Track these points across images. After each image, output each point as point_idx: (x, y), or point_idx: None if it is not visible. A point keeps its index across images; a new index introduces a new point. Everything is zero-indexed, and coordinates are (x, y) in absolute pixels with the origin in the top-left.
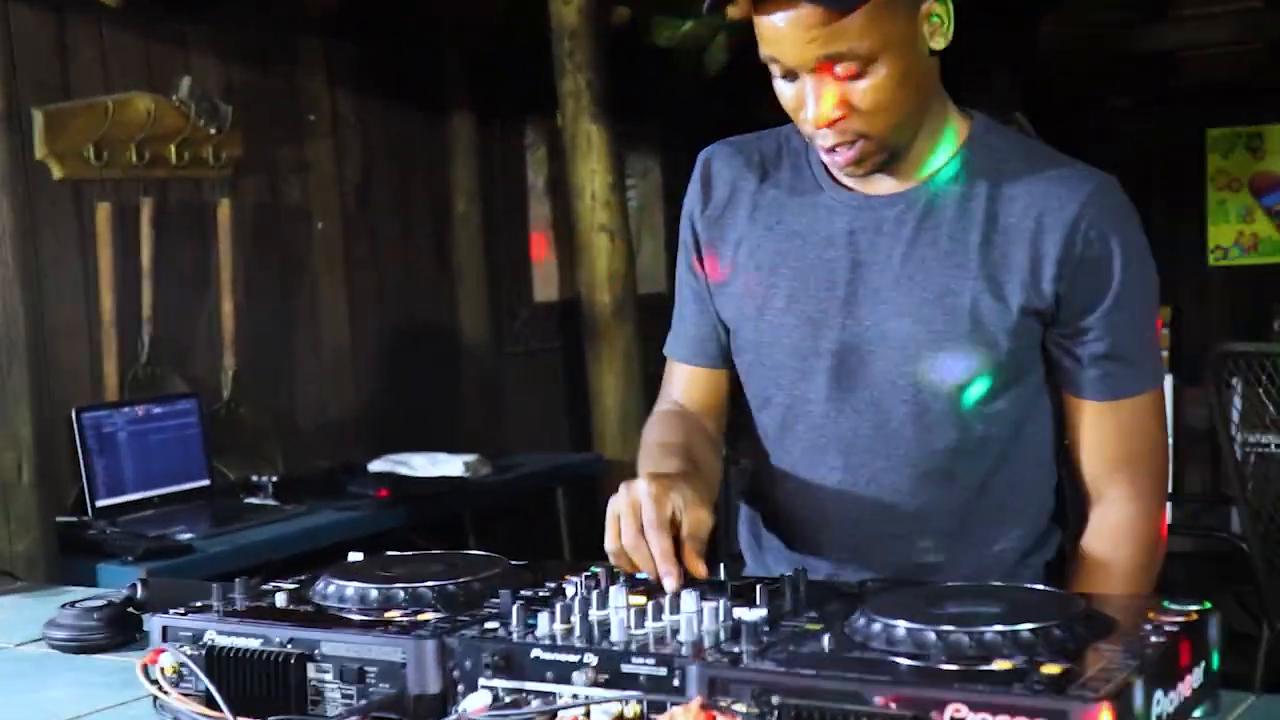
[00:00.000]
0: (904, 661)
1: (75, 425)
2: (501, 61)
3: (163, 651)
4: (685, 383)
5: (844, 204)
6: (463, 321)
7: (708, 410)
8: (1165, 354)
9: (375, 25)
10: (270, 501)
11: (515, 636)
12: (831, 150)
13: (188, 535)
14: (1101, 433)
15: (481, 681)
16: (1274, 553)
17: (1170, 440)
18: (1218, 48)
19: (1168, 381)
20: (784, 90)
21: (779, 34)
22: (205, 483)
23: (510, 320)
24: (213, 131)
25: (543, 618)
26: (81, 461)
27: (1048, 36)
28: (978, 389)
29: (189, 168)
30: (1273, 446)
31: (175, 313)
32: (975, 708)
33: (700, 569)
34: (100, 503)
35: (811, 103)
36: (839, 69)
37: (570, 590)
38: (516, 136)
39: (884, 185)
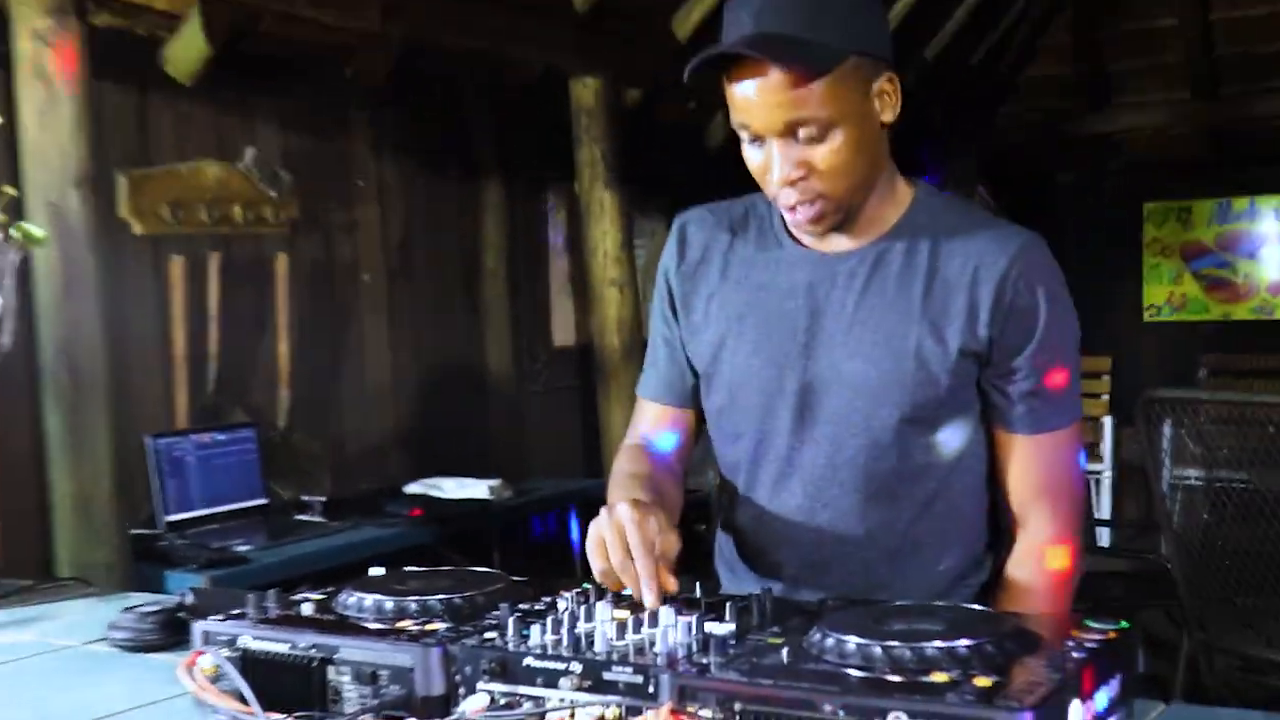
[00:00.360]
0: (853, 673)
1: (149, 449)
2: (527, 134)
3: (202, 653)
4: (654, 420)
5: (803, 259)
6: (490, 362)
7: (674, 445)
8: (1106, 398)
9: (417, 101)
10: (319, 519)
11: (511, 646)
12: (793, 209)
13: (246, 547)
14: (1026, 463)
15: (480, 685)
16: (1194, 573)
17: (1107, 470)
18: (1153, 132)
19: (1108, 421)
20: (752, 156)
21: (750, 102)
22: (262, 501)
23: (531, 362)
24: (273, 194)
25: (535, 629)
26: (154, 481)
27: (1005, 119)
28: (920, 422)
29: (252, 226)
30: (1193, 479)
31: (238, 352)
32: (914, 715)
33: (672, 585)
34: (169, 518)
35: (777, 165)
36: (801, 133)
37: (562, 605)
38: (539, 200)
39: (839, 244)
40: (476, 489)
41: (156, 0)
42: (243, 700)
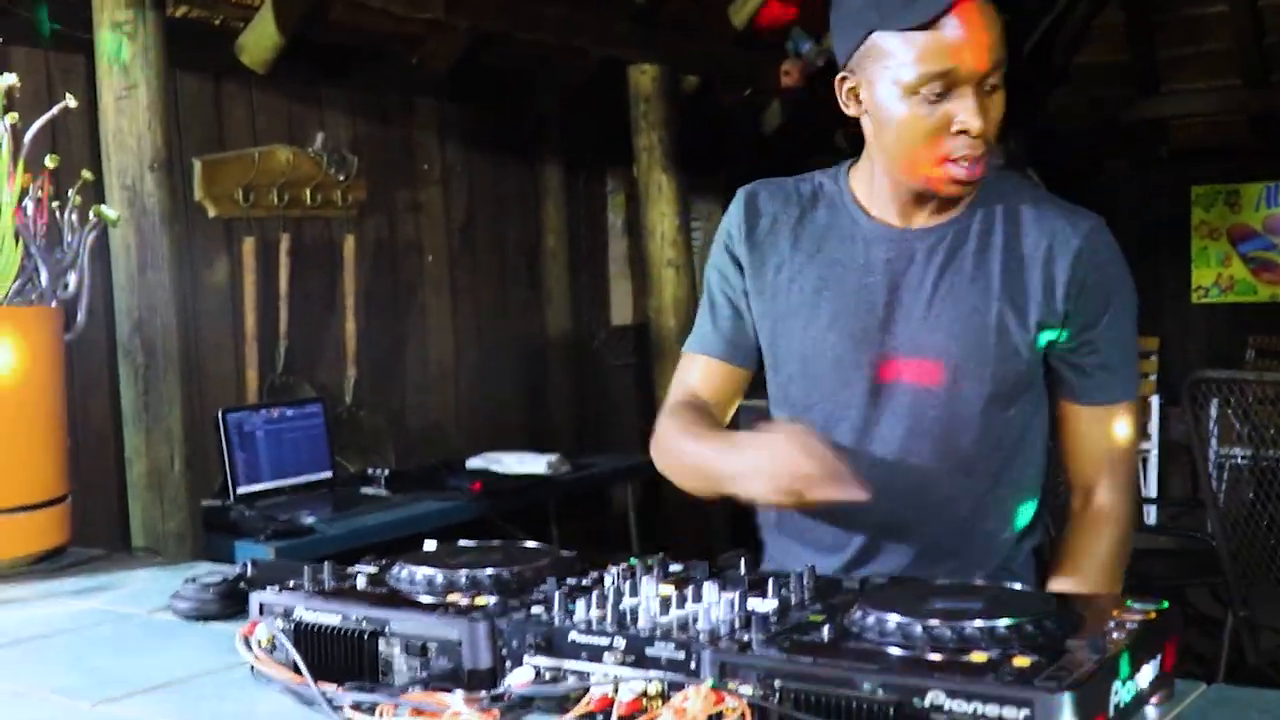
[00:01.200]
0: (893, 651)
1: (220, 424)
2: (587, 120)
3: (258, 624)
4: (708, 375)
5: (882, 236)
6: (550, 341)
7: (721, 403)
8: (1153, 378)
9: (480, 89)
10: (383, 492)
11: (556, 620)
12: (961, 161)
13: (311, 519)
14: (1092, 433)
15: (526, 659)
16: (1239, 549)
17: (1154, 448)
18: (1201, 118)
19: (1155, 401)
20: (926, 114)
21: (965, 43)
22: (328, 474)
23: (590, 340)
24: (341, 178)
25: (581, 604)
26: (225, 454)
27: (1057, 106)
28: (1000, 396)
29: (321, 208)
30: (1239, 459)
31: (307, 330)
32: (953, 695)
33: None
34: (240, 490)
35: (973, 115)
36: (991, 81)
37: (608, 580)
38: (599, 184)
39: (917, 220)
40: (535, 464)
41: None
42: (296, 670)
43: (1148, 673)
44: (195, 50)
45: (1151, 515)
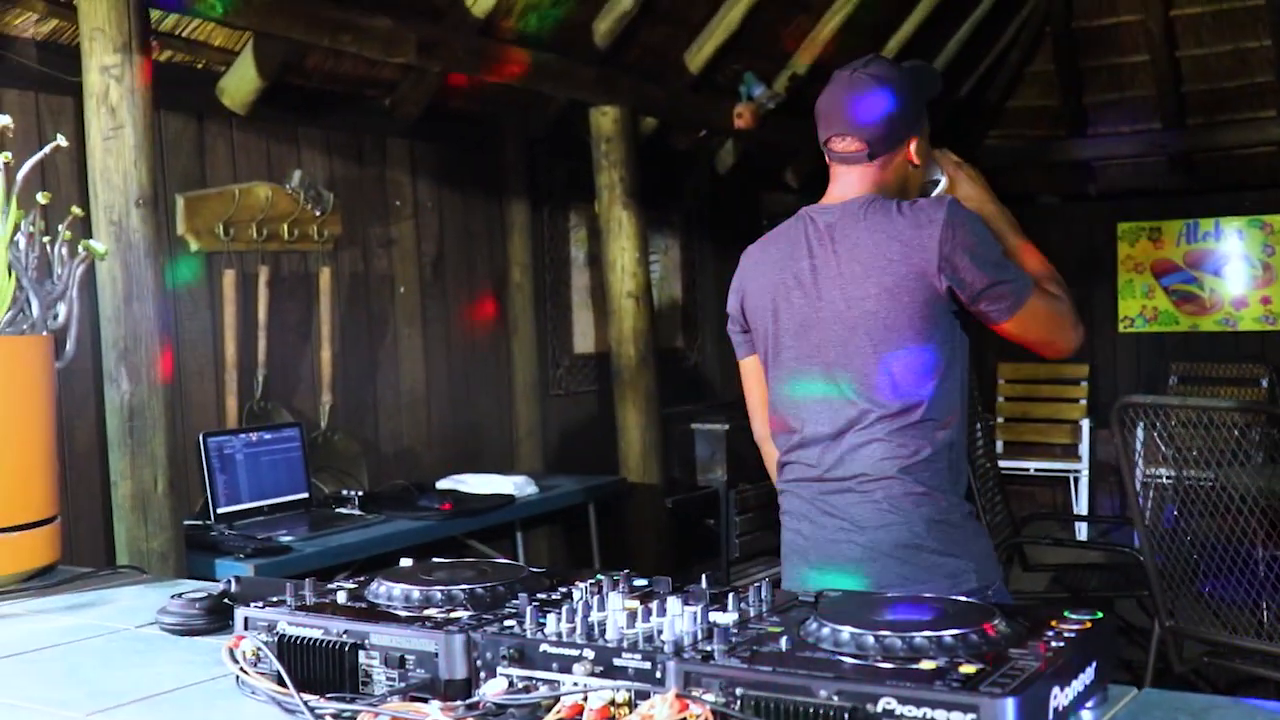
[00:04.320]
0: (847, 660)
1: (202, 447)
2: (551, 159)
3: (243, 638)
4: None
5: None
6: (516, 368)
7: None
8: (1084, 403)
9: (449, 130)
10: (357, 512)
11: (528, 633)
12: None
13: (289, 538)
14: (1025, 332)
15: (500, 669)
16: (1164, 564)
17: (1084, 469)
18: (1125, 159)
19: (1085, 424)
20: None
21: None
22: (305, 495)
23: (554, 368)
24: (317, 214)
25: (551, 618)
26: (206, 477)
27: (991, 146)
28: None
29: (298, 242)
30: (1164, 479)
31: (284, 358)
32: (904, 700)
33: None
34: (220, 510)
35: None
36: None
37: (576, 595)
38: (562, 219)
39: None
40: (502, 485)
41: (214, 37)
42: (280, 681)
43: (1084, 679)
44: (179, 92)
45: (1083, 532)
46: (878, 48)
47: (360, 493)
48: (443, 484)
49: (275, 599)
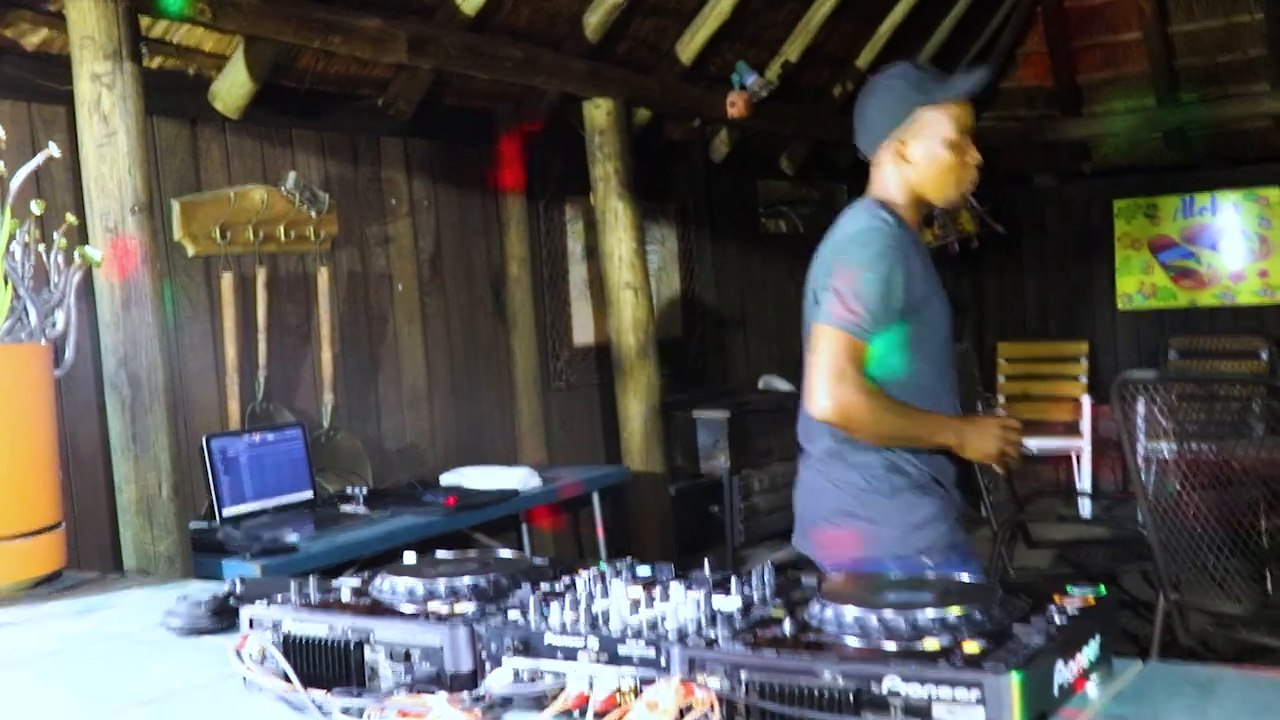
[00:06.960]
0: (850, 642)
1: (206, 450)
2: (547, 153)
3: (249, 637)
4: None
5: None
6: (516, 362)
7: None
8: (1084, 379)
9: (444, 127)
10: (361, 509)
11: (532, 624)
12: (971, 185)
13: (294, 537)
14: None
15: (505, 660)
16: (1167, 537)
17: (1086, 445)
18: (1120, 137)
19: (1086, 401)
20: (957, 158)
21: (969, 111)
22: (309, 494)
23: (554, 361)
24: (313, 214)
25: (555, 608)
26: (210, 479)
27: (986, 127)
28: None
29: (295, 244)
30: (1165, 453)
31: (285, 359)
32: (908, 680)
33: None
34: (225, 511)
35: (978, 154)
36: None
37: (580, 585)
38: (559, 213)
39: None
40: (505, 478)
41: (204, 42)
42: (287, 679)
43: (1088, 653)
44: (171, 98)
45: (1086, 507)
46: (870, 33)
47: (364, 490)
48: (446, 479)
49: (280, 598)
